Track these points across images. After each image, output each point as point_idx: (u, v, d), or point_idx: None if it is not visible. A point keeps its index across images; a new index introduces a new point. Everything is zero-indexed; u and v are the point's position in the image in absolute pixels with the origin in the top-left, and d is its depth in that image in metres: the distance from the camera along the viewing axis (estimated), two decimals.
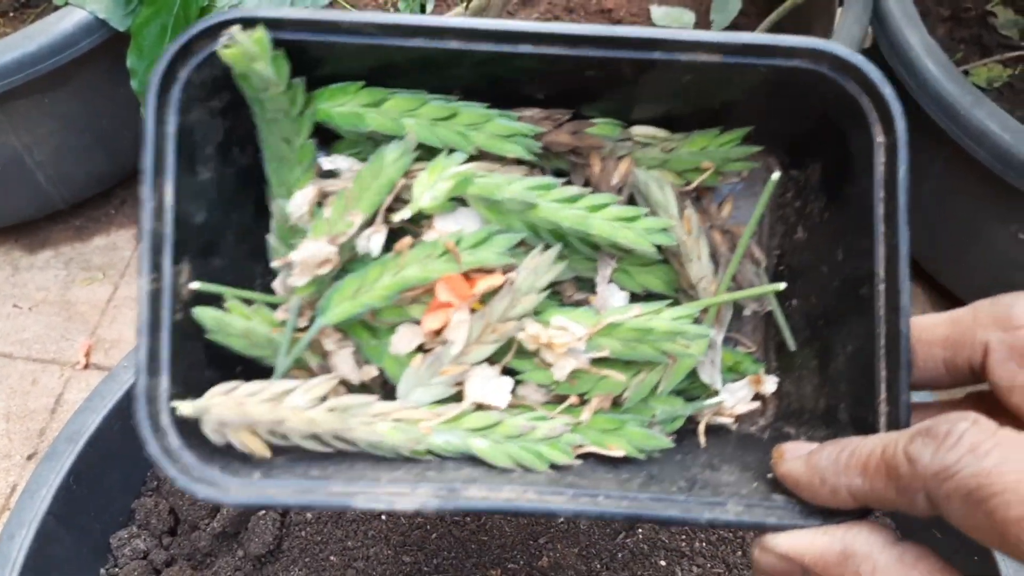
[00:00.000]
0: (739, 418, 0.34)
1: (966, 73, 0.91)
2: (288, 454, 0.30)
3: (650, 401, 0.32)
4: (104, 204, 1.02)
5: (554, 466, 0.30)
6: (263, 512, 0.56)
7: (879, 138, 0.29)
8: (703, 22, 1.02)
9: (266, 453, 0.30)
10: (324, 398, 0.30)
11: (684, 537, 0.52)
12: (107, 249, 0.99)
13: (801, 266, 0.33)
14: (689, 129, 0.33)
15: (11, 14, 0.98)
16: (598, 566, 0.51)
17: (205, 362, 0.31)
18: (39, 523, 0.51)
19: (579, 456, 0.31)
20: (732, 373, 0.34)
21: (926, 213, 0.92)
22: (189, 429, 0.29)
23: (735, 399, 0.34)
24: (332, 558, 0.55)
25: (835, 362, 0.31)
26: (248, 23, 0.29)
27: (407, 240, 0.32)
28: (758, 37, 0.29)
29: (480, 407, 0.31)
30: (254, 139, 0.33)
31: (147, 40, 0.72)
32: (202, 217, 0.31)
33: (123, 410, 0.57)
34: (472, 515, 0.47)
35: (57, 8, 0.84)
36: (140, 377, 0.28)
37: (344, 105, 0.32)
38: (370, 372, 0.32)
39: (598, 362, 0.31)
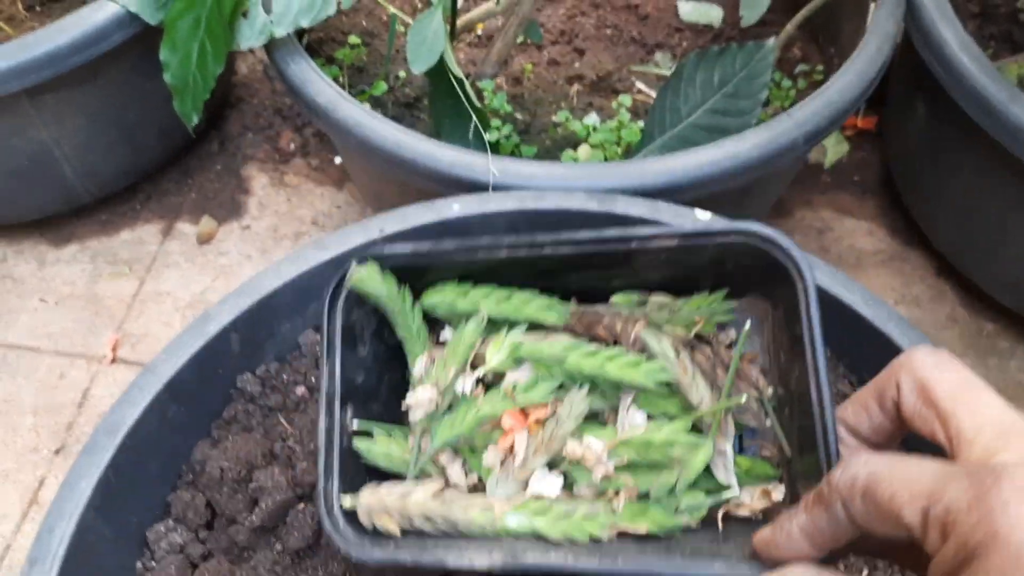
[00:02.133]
0: (762, 511, 0.42)
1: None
2: (411, 536, 0.43)
3: (676, 494, 0.42)
4: (130, 199, 1.02)
5: (595, 540, 0.41)
6: (302, 506, 0.56)
7: (800, 284, 0.39)
8: (731, 17, 1.01)
9: (396, 531, 0.43)
10: (435, 495, 0.44)
11: None
12: (133, 243, 0.99)
13: (793, 388, 0.41)
14: (691, 293, 0.45)
15: (38, 8, 0.98)
16: None
17: (363, 472, 0.46)
18: (79, 516, 0.51)
19: (618, 534, 0.41)
20: (751, 475, 0.43)
21: (957, 210, 0.92)
22: (351, 517, 0.44)
23: (752, 498, 0.42)
24: None
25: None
26: (362, 260, 0.47)
27: (480, 389, 0.47)
28: (700, 225, 0.46)
29: (538, 498, 0.43)
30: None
31: (180, 33, 0.71)
32: (361, 379, 0.48)
33: (161, 403, 0.57)
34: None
35: (85, 2, 0.84)
36: (320, 481, 0.43)
37: (442, 298, 0.48)
38: (472, 479, 0.46)
39: (622, 468, 0.42)
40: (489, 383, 0.47)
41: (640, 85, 0.95)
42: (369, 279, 0.47)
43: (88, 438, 0.54)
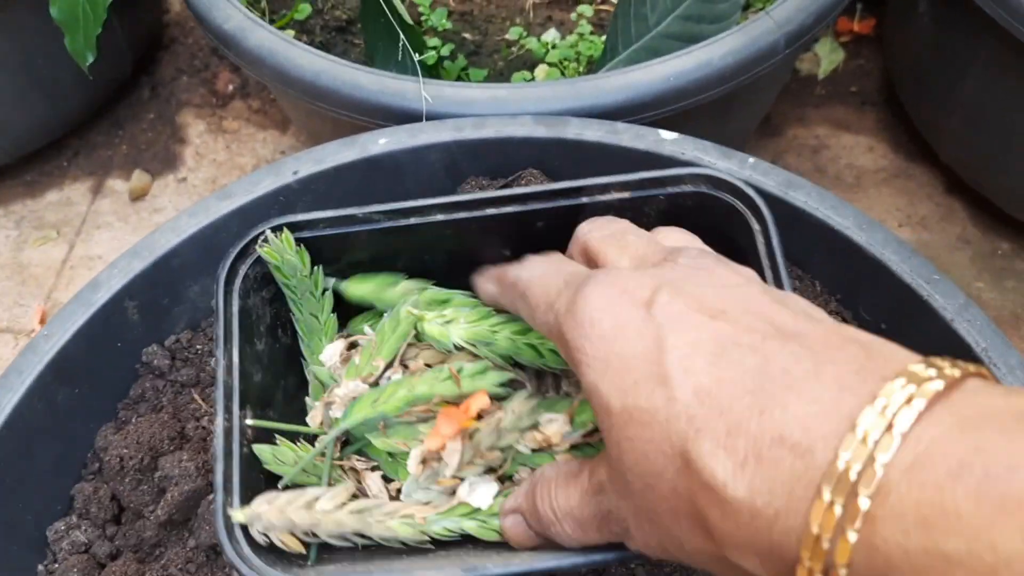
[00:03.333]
0: None
1: None
2: (329, 557, 0.38)
3: None
4: (56, 156, 0.93)
5: None
6: (212, 497, 0.48)
7: (755, 226, 0.37)
8: None
9: (301, 550, 0.37)
10: (344, 503, 0.38)
11: None
12: (61, 204, 0.90)
13: None
14: None
15: None
16: None
17: (263, 485, 0.39)
18: None
19: None
20: None
21: (966, 118, 0.82)
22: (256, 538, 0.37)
23: None
24: None
25: None
26: (276, 228, 0.40)
27: (420, 364, 0.41)
28: (651, 173, 0.39)
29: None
30: (293, 325, 0.44)
31: None
32: (259, 377, 0.41)
33: (46, 386, 0.49)
34: None
35: None
36: (218, 495, 0.36)
37: (365, 289, 0.43)
38: (394, 486, 0.40)
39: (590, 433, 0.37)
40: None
41: None
42: (283, 251, 0.40)
43: None
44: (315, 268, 0.42)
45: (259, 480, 0.39)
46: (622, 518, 0.28)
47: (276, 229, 0.40)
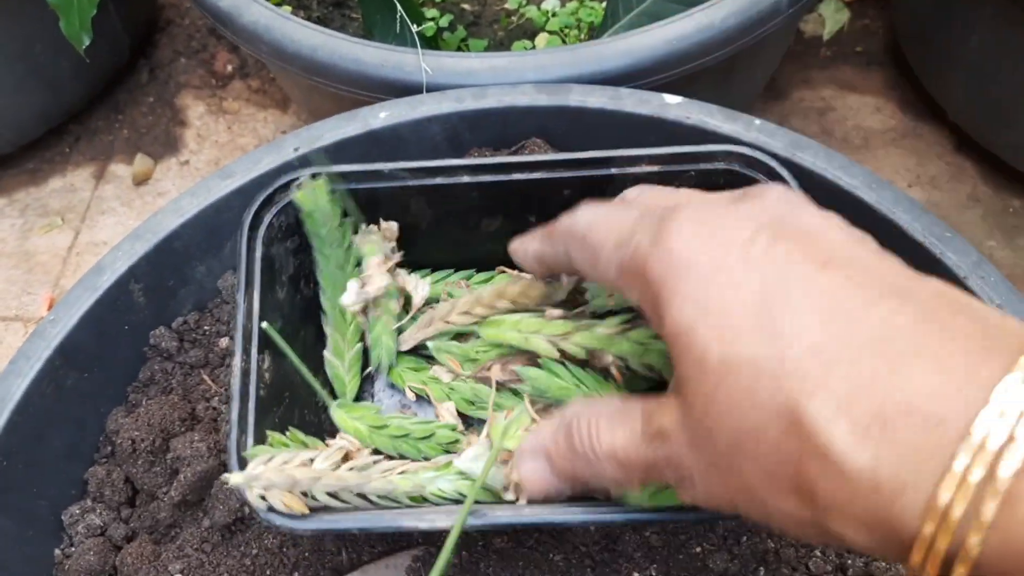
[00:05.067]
0: None
1: None
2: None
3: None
4: (57, 143, 0.93)
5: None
6: (225, 457, 0.48)
7: None
8: None
9: (305, 510, 0.36)
10: (339, 462, 0.38)
11: None
12: (65, 191, 0.90)
13: None
14: None
15: None
16: None
17: (279, 429, 0.39)
18: None
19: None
20: None
21: (974, 74, 0.80)
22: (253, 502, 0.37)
23: None
24: None
25: None
26: (314, 176, 0.41)
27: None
28: (683, 148, 0.39)
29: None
30: (315, 278, 0.44)
31: None
32: (279, 325, 0.40)
33: (55, 370, 0.49)
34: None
35: None
36: (232, 431, 0.37)
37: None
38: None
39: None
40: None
41: None
42: (317, 198, 0.41)
43: None
44: (344, 220, 0.42)
45: (274, 425, 0.40)
46: (684, 468, 0.26)
47: (314, 176, 0.41)
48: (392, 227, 0.44)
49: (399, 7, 0.60)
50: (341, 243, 0.43)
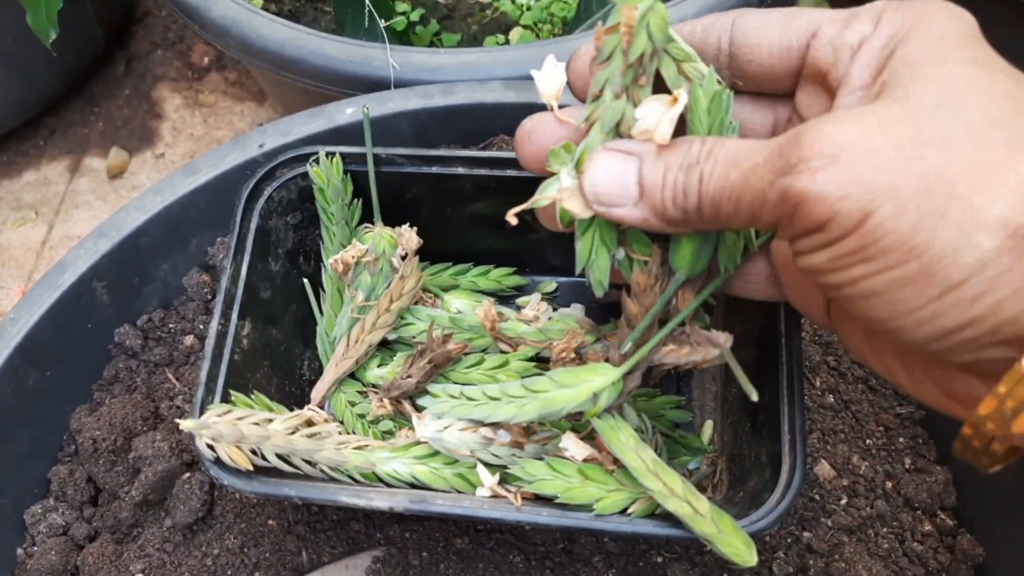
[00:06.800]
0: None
1: None
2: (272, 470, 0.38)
3: None
4: (32, 135, 0.92)
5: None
6: (188, 475, 0.48)
7: None
8: None
9: (248, 466, 0.36)
10: (297, 428, 0.38)
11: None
12: (38, 184, 0.89)
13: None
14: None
15: None
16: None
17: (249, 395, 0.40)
18: None
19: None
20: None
21: None
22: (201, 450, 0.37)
23: None
24: (271, 522, 0.47)
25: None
26: (330, 154, 0.42)
27: None
28: None
29: (420, 443, 0.38)
30: (319, 255, 0.45)
31: None
32: (267, 295, 0.42)
33: (15, 369, 0.49)
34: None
35: None
36: (199, 389, 0.37)
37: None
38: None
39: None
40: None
41: None
42: (331, 174, 0.42)
43: None
44: (355, 200, 0.44)
45: (246, 390, 0.40)
46: (809, 210, 0.22)
47: (302, 158, 0.42)
48: (412, 238, 0.44)
49: (367, 2, 0.59)
50: (349, 222, 0.44)
